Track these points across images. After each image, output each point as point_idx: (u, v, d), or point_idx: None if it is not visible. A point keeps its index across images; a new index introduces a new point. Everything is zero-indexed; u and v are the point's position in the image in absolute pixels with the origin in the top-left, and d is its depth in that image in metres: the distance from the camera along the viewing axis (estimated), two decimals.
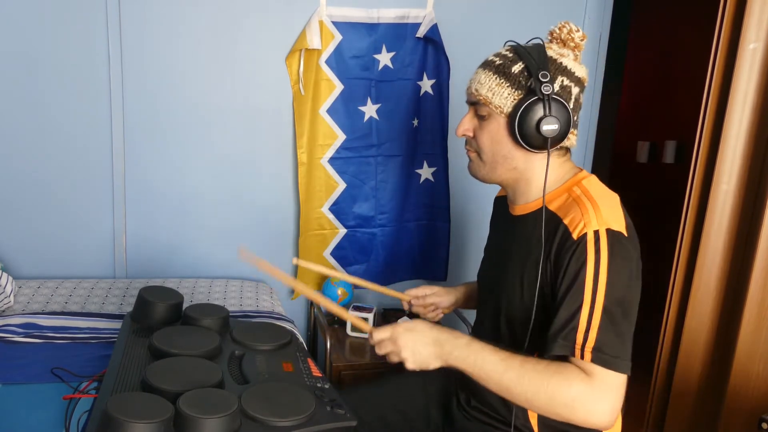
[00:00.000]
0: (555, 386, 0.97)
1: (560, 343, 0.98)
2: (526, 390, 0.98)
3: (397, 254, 2.23)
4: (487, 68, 1.10)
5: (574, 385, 0.96)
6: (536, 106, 1.03)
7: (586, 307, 0.97)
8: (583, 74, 1.10)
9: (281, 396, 1.02)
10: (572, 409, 0.96)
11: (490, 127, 1.10)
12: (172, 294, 1.37)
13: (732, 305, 1.69)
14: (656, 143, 2.84)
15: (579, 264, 0.99)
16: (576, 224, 1.01)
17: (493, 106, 1.08)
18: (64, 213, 1.96)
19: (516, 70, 1.06)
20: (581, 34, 1.10)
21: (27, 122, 1.88)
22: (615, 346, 0.97)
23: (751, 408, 1.66)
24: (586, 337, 0.97)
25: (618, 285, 0.98)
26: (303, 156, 2.04)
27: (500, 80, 1.07)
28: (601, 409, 0.96)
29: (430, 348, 1.04)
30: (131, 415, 0.85)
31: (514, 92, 1.06)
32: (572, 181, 1.10)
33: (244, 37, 1.97)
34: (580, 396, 0.96)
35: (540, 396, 0.97)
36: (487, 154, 1.12)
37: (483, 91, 1.08)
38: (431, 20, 2.03)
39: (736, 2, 1.60)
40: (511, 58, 1.08)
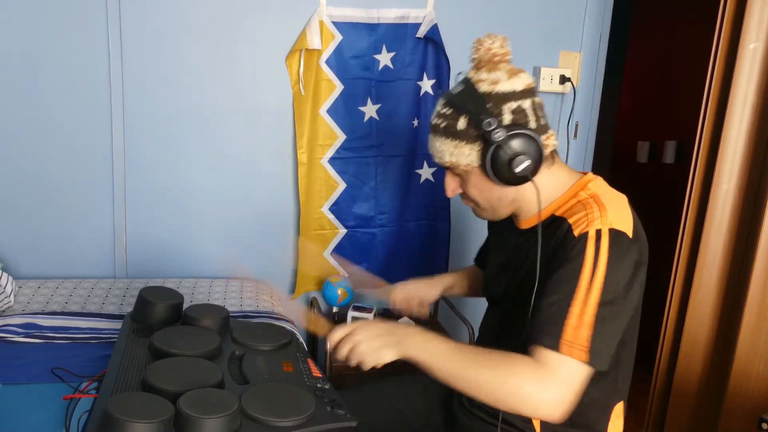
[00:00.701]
0: (504, 371, 0.96)
1: (550, 338, 0.96)
2: (474, 377, 0.97)
3: (397, 254, 2.23)
4: (437, 134, 1.09)
5: (523, 372, 0.95)
6: (499, 153, 1.02)
7: (578, 306, 0.96)
8: (524, 84, 1.05)
9: (281, 396, 1.02)
10: (520, 396, 0.95)
11: (472, 181, 1.10)
12: (172, 294, 1.37)
13: (732, 305, 1.69)
14: (656, 143, 2.84)
15: (577, 258, 0.98)
16: (580, 223, 1.01)
17: (462, 166, 1.08)
18: (64, 213, 1.96)
19: (462, 125, 1.04)
20: (499, 41, 1.06)
21: (27, 122, 1.88)
22: (604, 345, 0.96)
23: (751, 408, 1.66)
24: (576, 334, 0.95)
25: (614, 285, 0.97)
26: (303, 156, 2.04)
27: (454, 141, 1.05)
28: (550, 395, 0.94)
29: (383, 338, 1.04)
30: (131, 415, 0.85)
31: (474, 146, 1.04)
32: (578, 185, 1.10)
33: (244, 37, 1.97)
34: (528, 383, 0.95)
35: (488, 384, 0.97)
36: (483, 203, 1.14)
37: (446, 157, 1.08)
38: (431, 20, 2.03)
39: (736, 2, 1.60)
40: (451, 114, 1.05)
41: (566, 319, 0.96)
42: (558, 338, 0.95)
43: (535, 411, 0.96)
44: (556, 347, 0.95)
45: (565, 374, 0.95)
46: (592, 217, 1.00)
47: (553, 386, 0.95)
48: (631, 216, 1.04)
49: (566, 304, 0.97)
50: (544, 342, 0.96)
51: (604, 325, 0.96)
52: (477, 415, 1.21)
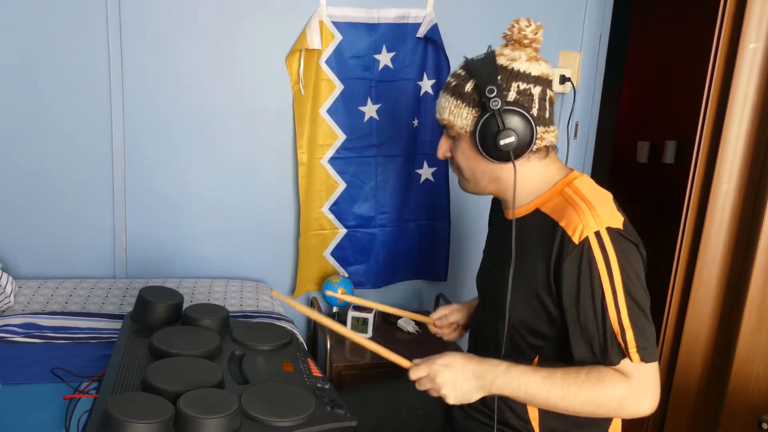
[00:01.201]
0: (600, 395, 1.00)
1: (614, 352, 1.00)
2: (572, 403, 1.02)
3: (397, 254, 2.23)
4: (446, 91, 1.12)
5: (617, 389, 1.00)
6: (491, 122, 1.04)
7: (613, 312, 1.00)
8: (542, 71, 1.08)
9: (281, 396, 1.02)
10: (620, 410, 1.02)
11: (462, 146, 1.12)
12: (172, 294, 1.37)
13: (732, 305, 1.69)
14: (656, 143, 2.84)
15: (590, 269, 1.00)
16: (574, 228, 1.01)
17: (457, 127, 1.10)
18: (64, 213, 1.96)
19: (468, 88, 1.07)
20: (534, 27, 1.09)
21: (27, 122, 1.88)
22: (646, 338, 1.00)
23: (751, 408, 1.66)
24: (625, 339, 0.99)
25: (632, 281, 1.00)
26: (303, 156, 2.04)
27: (457, 101, 1.09)
28: (645, 403, 1.01)
29: (472, 382, 1.05)
30: (131, 415, 0.85)
31: (472, 110, 1.07)
32: (563, 182, 1.10)
33: (244, 37, 1.97)
34: (625, 398, 1.01)
35: (587, 406, 1.01)
36: (467, 171, 1.15)
37: (445, 115, 1.11)
38: (431, 20, 2.03)
39: (736, 2, 1.60)
40: (463, 76, 1.09)
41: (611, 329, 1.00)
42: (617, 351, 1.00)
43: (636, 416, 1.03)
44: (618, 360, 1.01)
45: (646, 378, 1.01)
46: (585, 219, 1.01)
47: (643, 393, 1.02)
48: (619, 211, 1.06)
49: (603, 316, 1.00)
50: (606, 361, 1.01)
51: (639, 319, 1.00)
52: (474, 417, 1.21)
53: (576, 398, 1.01)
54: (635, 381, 1.00)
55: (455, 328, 1.42)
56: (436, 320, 1.42)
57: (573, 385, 1.01)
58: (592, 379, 1.01)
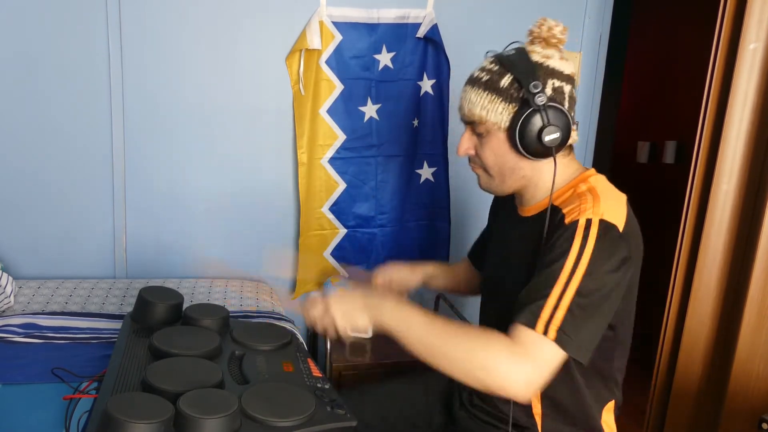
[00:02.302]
0: (475, 344, 0.96)
1: (527, 315, 0.96)
2: (446, 348, 0.97)
3: (398, 254, 2.23)
4: (475, 86, 1.08)
5: (495, 345, 0.95)
6: (534, 118, 1.03)
7: (559, 287, 0.96)
8: (571, 70, 1.09)
9: (281, 396, 1.02)
10: (489, 369, 0.94)
11: (491, 143, 1.09)
12: (172, 294, 1.37)
13: (732, 305, 1.69)
14: (656, 143, 2.84)
15: (564, 245, 0.98)
16: (572, 212, 1.01)
17: (490, 123, 1.07)
18: (64, 213, 1.96)
19: (505, 83, 1.05)
20: (561, 27, 1.09)
21: (27, 122, 1.88)
22: (579, 332, 0.95)
23: (751, 408, 1.66)
24: (553, 315, 0.95)
25: (597, 276, 0.96)
26: (303, 156, 2.04)
27: (492, 96, 1.05)
28: (519, 373, 0.94)
29: (358, 301, 1.05)
30: (131, 415, 0.85)
31: (509, 106, 1.05)
32: (579, 178, 1.10)
33: (244, 37, 1.97)
34: (498, 356, 0.94)
35: (459, 355, 0.96)
36: (494, 169, 1.11)
37: (477, 110, 1.07)
38: (431, 20, 2.03)
39: (736, 2, 1.60)
40: (498, 71, 1.06)
41: (545, 299, 0.96)
42: (535, 317, 0.95)
43: (503, 386, 0.94)
44: (531, 325, 0.95)
45: (537, 353, 0.95)
46: (584, 207, 1.00)
47: (524, 363, 0.94)
48: (626, 213, 1.03)
49: (547, 286, 0.97)
50: (521, 320, 0.96)
51: (581, 314, 0.96)
52: (478, 416, 1.21)
53: (454, 344, 0.97)
54: (519, 346, 0.94)
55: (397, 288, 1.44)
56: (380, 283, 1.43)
57: (456, 331, 0.98)
58: (475, 330, 0.98)
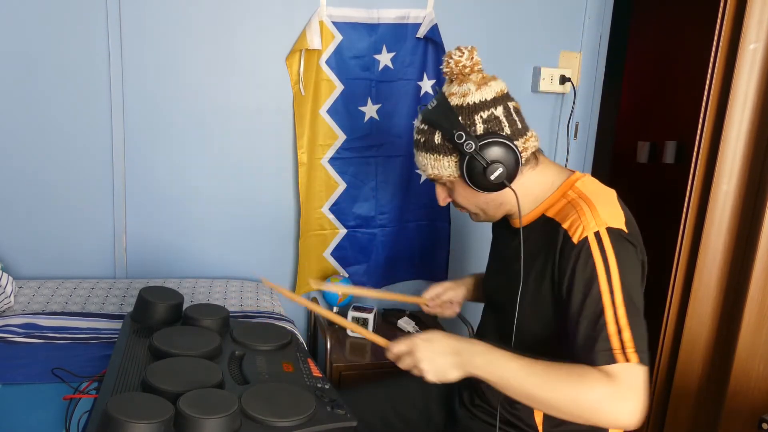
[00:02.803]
0: (578, 391, 0.95)
1: (602, 354, 0.96)
2: (549, 396, 0.97)
3: (398, 254, 2.23)
4: (418, 149, 1.14)
5: (597, 388, 0.95)
6: (474, 163, 1.06)
7: (610, 311, 0.97)
8: (495, 92, 1.08)
9: (281, 396, 1.02)
10: (598, 411, 0.95)
11: (458, 190, 1.15)
12: (173, 294, 1.37)
13: (732, 305, 1.69)
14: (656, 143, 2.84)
15: (588, 270, 0.99)
16: (575, 228, 1.01)
17: (445, 177, 1.12)
18: (64, 213, 1.96)
19: (438, 140, 1.09)
20: (467, 53, 1.08)
21: (27, 122, 1.88)
22: (642, 340, 0.98)
23: (751, 408, 1.66)
24: (622, 339, 0.96)
25: (629, 280, 0.99)
26: (303, 156, 2.04)
27: (434, 155, 1.11)
28: (626, 407, 0.95)
29: (449, 358, 1.03)
30: (131, 415, 0.85)
31: (451, 158, 1.09)
32: (566, 184, 1.11)
33: (244, 37, 1.97)
34: (604, 398, 0.95)
35: (563, 401, 0.96)
36: (473, 208, 1.19)
37: (429, 170, 1.13)
38: (431, 20, 2.03)
39: (736, 2, 1.60)
40: (428, 130, 1.11)
41: (606, 329, 0.97)
42: (610, 350, 0.96)
43: (615, 423, 0.96)
44: (613, 360, 0.96)
45: (633, 382, 0.95)
46: (586, 219, 1.01)
47: (628, 398, 0.95)
48: (622, 211, 1.06)
49: (599, 315, 0.98)
50: (601, 361, 0.96)
51: (637, 322, 0.98)
52: (478, 416, 1.21)
53: (553, 392, 0.96)
54: (619, 382, 0.95)
55: (449, 306, 1.43)
56: (429, 300, 1.42)
57: (552, 378, 0.97)
58: (574, 375, 0.96)
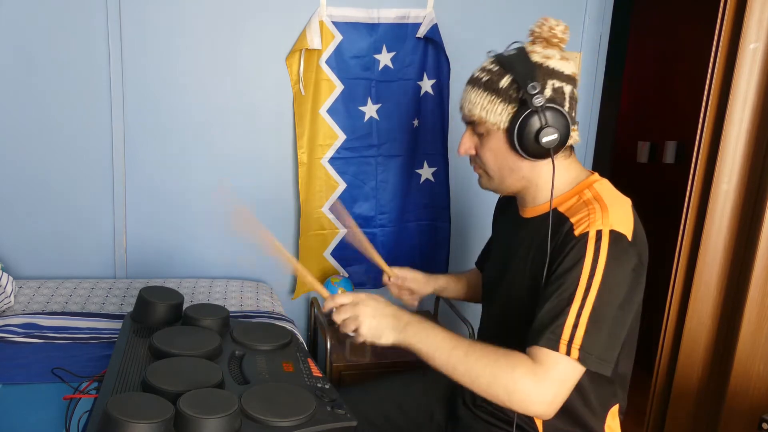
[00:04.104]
0: (499, 368, 0.97)
1: (547, 337, 0.97)
2: (470, 369, 0.99)
3: (398, 254, 2.23)
4: (475, 86, 1.08)
5: (518, 367, 0.96)
6: (532, 119, 1.02)
7: (577, 304, 0.96)
8: (572, 70, 1.08)
9: (281, 396, 1.02)
10: (512, 391, 0.96)
11: (491, 143, 1.09)
12: (173, 294, 1.37)
13: (732, 305, 1.69)
14: (657, 143, 2.84)
15: (576, 259, 0.98)
16: (581, 223, 1.01)
17: (489, 123, 1.07)
18: (64, 213, 1.96)
19: (504, 84, 1.05)
20: (563, 27, 1.09)
21: (27, 122, 1.88)
22: (601, 347, 0.96)
23: (752, 408, 1.66)
24: (573, 334, 0.96)
25: (612, 287, 0.97)
26: (303, 156, 2.04)
27: (491, 97, 1.05)
28: (540, 393, 0.96)
29: (389, 319, 1.06)
30: (131, 415, 0.85)
31: (507, 107, 1.05)
32: (584, 183, 1.10)
33: (244, 37, 1.97)
34: (522, 377, 0.96)
35: (483, 376, 0.98)
36: (493, 169, 1.12)
37: (476, 110, 1.07)
38: (431, 20, 2.03)
39: (736, 2, 1.60)
40: (497, 71, 1.06)
41: (565, 318, 0.96)
42: (556, 338, 0.96)
43: (526, 407, 0.97)
44: (553, 347, 0.96)
45: (559, 373, 0.96)
46: (593, 218, 1.00)
47: (546, 384, 0.96)
48: (633, 219, 1.04)
49: (565, 303, 0.97)
50: (541, 341, 0.97)
51: (600, 328, 0.96)
52: (480, 416, 1.21)
53: (475, 364, 0.98)
54: (542, 367, 0.95)
55: (410, 294, 1.44)
56: (392, 277, 1.43)
57: (477, 352, 0.99)
58: (498, 353, 0.98)
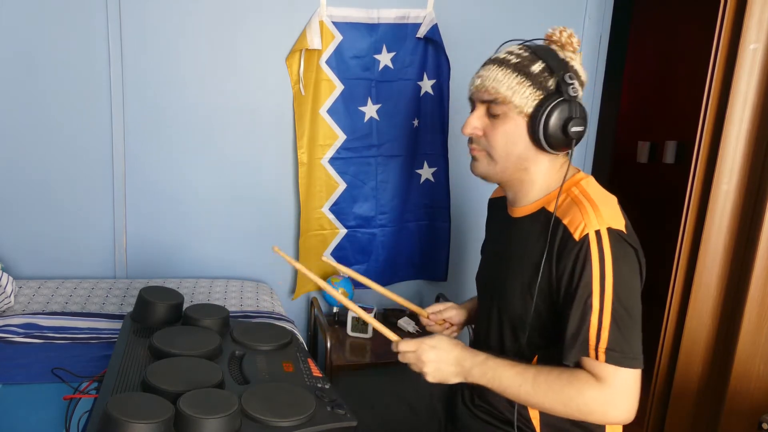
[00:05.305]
0: (567, 395, 1.00)
1: (577, 348, 1.00)
2: (542, 400, 1.02)
3: (398, 254, 2.23)
4: (503, 66, 1.05)
5: (585, 391, 0.99)
6: (562, 107, 1.02)
7: (596, 309, 0.99)
8: (585, 76, 1.10)
9: (281, 396, 1.02)
10: (588, 414, 1.01)
11: (506, 127, 1.07)
12: (173, 294, 1.37)
13: (732, 305, 1.69)
14: (657, 143, 2.84)
15: (584, 266, 1.00)
16: (576, 225, 1.01)
17: (512, 105, 1.05)
18: (64, 213, 1.96)
19: (536, 69, 1.04)
20: (578, 39, 1.10)
21: (27, 123, 1.88)
22: (625, 344, 0.99)
23: (751, 408, 1.66)
24: (599, 338, 0.98)
25: (623, 284, 0.99)
26: (303, 156, 2.04)
27: (521, 79, 1.04)
28: (617, 411, 1.00)
29: (452, 367, 1.08)
30: (131, 415, 0.85)
31: (536, 92, 1.04)
32: (570, 181, 1.10)
33: (244, 37, 1.97)
34: (592, 401, 0.99)
35: (555, 405, 1.02)
36: (500, 154, 1.09)
37: (502, 89, 1.04)
38: (431, 20, 2.03)
39: (736, 2, 1.60)
40: (529, 57, 1.05)
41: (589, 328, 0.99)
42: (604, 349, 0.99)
43: (609, 421, 1.03)
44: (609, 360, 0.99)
45: (622, 383, 0.99)
46: (588, 218, 1.01)
47: (617, 399, 1.00)
48: (622, 214, 1.06)
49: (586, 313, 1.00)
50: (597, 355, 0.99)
51: (627, 325, 0.99)
52: (478, 415, 1.21)
53: (545, 396, 1.01)
54: (607, 386, 0.99)
55: (448, 326, 1.42)
56: (430, 314, 1.42)
57: (543, 383, 1.01)
58: (563, 380, 1.01)
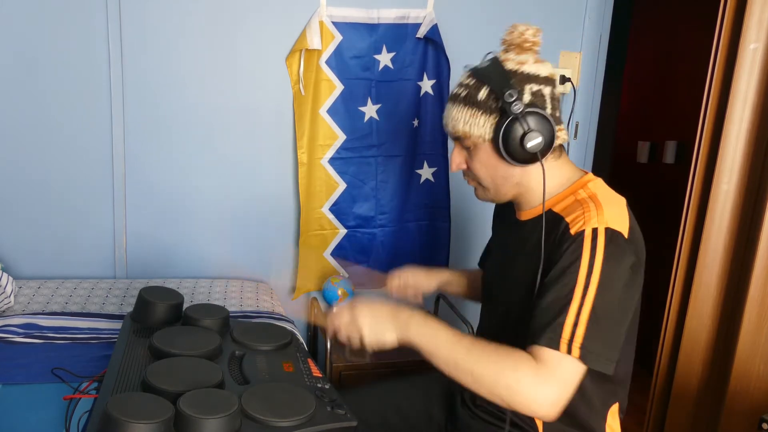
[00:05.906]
0: (501, 366, 0.97)
1: (548, 336, 0.97)
2: (472, 367, 0.98)
3: (398, 255, 2.23)
4: (455, 102, 1.10)
5: (521, 367, 0.96)
6: (514, 126, 1.03)
7: (576, 303, 0.97)
8: (548, 71, 1.09)
9: (281, 396, 1.02)
10: (516, 391, 0.95)
11: (479, 156, 1.10)
12: (173, 294, 1.37)
13: (732, 305, 1.69)
14: (657, 143, 2.84)
15: (573, 257, 0.98)
16: (576, 222, 1.01)
17: (474, 137, 1.08)
18: (64, 213, 1.96)
19: (482, 96, 1.06)
20: (533, 30, 1.09)
21: (28, 123, 1.88)
22: (602, 345, 0.96)
23: (752, 408, 1.66)
24: (574, 333, 0.95)
25: (610, 286, 0.97)
26: (303, 156, 2.04)
27: (472, 110, 1.07)
28: (544, 394, 0.95)
29: (388, 322, 1.06)
30: (131, 415, 0.85)
31: (489, 117, 1.06)
32: (578, 183, 1.10)
33: (244, 37, 1.97)
34: (525, 377, 0.95)
35: (485, 375, 0.97)
36: (487, 180, 1.13)
37: (460, 126, 1.09)
38: (431, 20, 2.03)
39: (737, 2, 1.60)
40: (474, 84, 1.07)
41: (565, 317, 0.96)
42: (557, 337, 0.96)
43: (529, 407, 0.96)
44: (554, 346, 0.96)
45: (562, 372, 0.96)
46: (588, 216, 1.01)
47: (549, 384, 0.95)
48: (628, 217, 1.04)
49: (564, 302, 0.97)
50: (542, 341, 0.97)
51: (601, 326, 0.96)
52: (479, 416, 1.21)
53: (476, 363, 0.98)
54: (542, 366, 0.95)
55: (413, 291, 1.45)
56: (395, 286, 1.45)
57: (480, 350, 0.99)
58: (501, 352, 0.98)
